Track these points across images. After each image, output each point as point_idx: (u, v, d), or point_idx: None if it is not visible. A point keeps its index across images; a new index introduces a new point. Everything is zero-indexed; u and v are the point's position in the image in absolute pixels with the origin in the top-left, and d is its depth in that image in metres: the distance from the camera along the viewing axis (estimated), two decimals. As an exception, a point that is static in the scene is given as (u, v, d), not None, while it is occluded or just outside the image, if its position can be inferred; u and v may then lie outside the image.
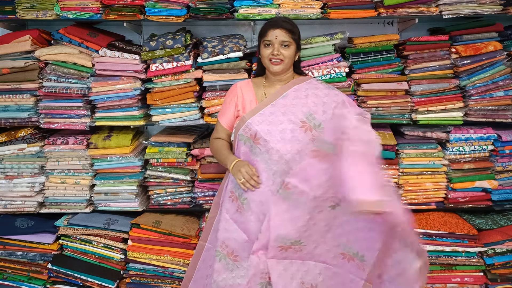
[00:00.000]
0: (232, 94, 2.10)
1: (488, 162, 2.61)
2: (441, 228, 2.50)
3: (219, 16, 2.47)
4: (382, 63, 2.56)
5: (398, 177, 2.61)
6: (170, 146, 2.61)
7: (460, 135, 2.57)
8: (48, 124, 2.58)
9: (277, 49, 1.94)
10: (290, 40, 1.96)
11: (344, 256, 1.92)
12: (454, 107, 2.57)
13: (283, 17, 2.13)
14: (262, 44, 2.00)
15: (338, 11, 2.48)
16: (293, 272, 1.90)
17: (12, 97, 2.53)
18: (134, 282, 2.63)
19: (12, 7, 2.51)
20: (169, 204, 2.68)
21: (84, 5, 2.46)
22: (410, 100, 2.55)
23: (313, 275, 1.92)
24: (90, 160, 2.61)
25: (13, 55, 2.55)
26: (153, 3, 2.45)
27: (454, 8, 2.47)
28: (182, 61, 2.49)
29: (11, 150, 2.58)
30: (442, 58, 2.55)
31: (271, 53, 1.95)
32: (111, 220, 2.62)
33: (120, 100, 2.54)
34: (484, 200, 2.64)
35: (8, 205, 2.64)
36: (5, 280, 2.67)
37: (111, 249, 2.60)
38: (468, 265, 2.53)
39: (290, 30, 1.95)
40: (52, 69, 2.52)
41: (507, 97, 2.55)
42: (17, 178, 2.61)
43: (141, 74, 2.53)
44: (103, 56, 2.50)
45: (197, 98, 2.58)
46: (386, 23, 2.89)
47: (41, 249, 2.62)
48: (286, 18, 2.08)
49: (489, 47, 2.50)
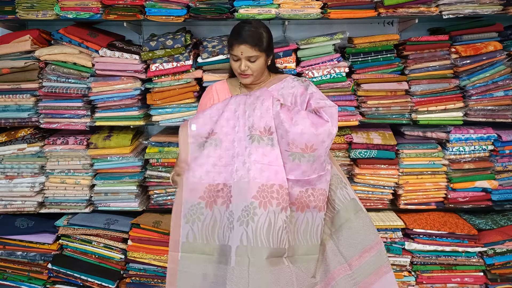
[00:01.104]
0: (208, 96, 2.06)
1: (488, 162, 2.61)
2: (441, 228, 2.50)
3: (219, 16, 2.47)
4: (382, 63, 2.56)
5: (398, 177, 2.61)
6: (170, 146, 2.61)
7: (460, 135, 2.58)
8: (48, 124, 2.58)
9: (245, 65, 1.87)
10: (257, 53, 1.85)
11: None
12: (454, 107, 2.57)
13: (249, 27, 1.88)
14: (230, 55, 1.93)
15: (338, 11, 2.48)
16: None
17: (12, 97, 2.53)
18: (134, 282, 2.63)
19: (12, 7, 2.51)
20: (169, 204, 2.67)
21: (84, 5, 2.46)
22: (410, 100, 2.56)
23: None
24: (90, 160, 2.61)
25: (13, 55, 2.55)
26: (153, 3, 2.45)
27: (454, 8, 2.47)
28: (182, 61, 2.49)
29: (11, 150, 2.58)
30: (442, 58, 2.55)
31: (239, 67, 1.90)
32: (111, 220, 2.62)
33: (120, 100, 2.54)
34: (484, 200, 2.64)
35: (8, 205, 2.64)
36: (5, 280, 2.67)
37: (111, 249, 2.60)
38: (468, 265, 2.53)
39: (255, 44, 1.84)
40: (52, 69, 2.52)
41: (507, 97, 2.56)
42: (17, 178, 2.61)
43: (141, 74, 2.53)
44: (103, 56, 2.50)
45: (197, 98, 2.58)
46: (386, 23, 2.89)
47: (41, 249, 2.62)
48: (251, 26, 1.88)
49: (489, 47, 2.50)
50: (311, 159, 1.78)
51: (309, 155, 1.78)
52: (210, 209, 1.85)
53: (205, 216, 1.85)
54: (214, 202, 1.85)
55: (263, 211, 1.74)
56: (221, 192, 1.84)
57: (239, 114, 1.88)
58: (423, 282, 2.56)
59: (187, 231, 1.85)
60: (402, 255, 2.53)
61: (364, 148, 2.58)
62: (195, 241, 1.85)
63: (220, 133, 1.87)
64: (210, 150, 1.85)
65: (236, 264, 1.73)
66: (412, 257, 2.54)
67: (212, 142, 1.86)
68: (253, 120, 1.84)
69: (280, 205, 1.76)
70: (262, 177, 1.77)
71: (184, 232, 1.85)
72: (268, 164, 1.79)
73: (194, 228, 1.85)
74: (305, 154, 1.78)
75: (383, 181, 2.62)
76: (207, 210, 1.85)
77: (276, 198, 1.76)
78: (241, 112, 1.88)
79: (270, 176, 1.78)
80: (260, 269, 1.72)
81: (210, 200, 1.85)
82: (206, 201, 1.85)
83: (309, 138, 1.76)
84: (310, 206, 1.84)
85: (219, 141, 1.86)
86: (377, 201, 2.67)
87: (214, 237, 1.84)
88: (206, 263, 1.84)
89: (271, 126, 1.82)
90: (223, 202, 1.84)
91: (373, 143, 2.56)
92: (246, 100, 1.91)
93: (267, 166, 1.79)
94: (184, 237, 1.86)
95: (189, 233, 1.85)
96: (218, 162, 1.85)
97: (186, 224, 1.86)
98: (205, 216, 1.85)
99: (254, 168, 1.77)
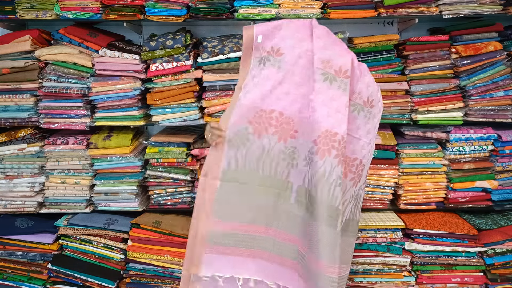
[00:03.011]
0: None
1: (488, 162, 2.61)
2: (441, 228, 2.50)
3: (219, 16, 2.47)
4: (382, 63, 2.56)
5: (398, 177, 2.61)
6: (170, 146, 2.61)
7: (460, 135, 2.57)
8: (48, 124, 2.58)
9: None
10: None
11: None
12: (454, 107, 2.57)
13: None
14: None
15: (338, 11, 2.48)
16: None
17: (12, 97, 2.53)
18: (134, 282, 2.63)
19: (12, 7, 2.51)
20: (169, 204, 2.68)
21: (84, 5, 2.46)
22: (410, 100, 2.56)
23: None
24: (90, 160, 2.61)
25: (13, 55, 2.55)
26: (153, 3, 2.45)
27: (454, 8, 2.47)
28: (182, 61, 2.49)
29: (11, 150, 2.58)
30: (442, 58, 2.55)
31: None
32: (111, 220, 2.62)
33: (120, 100, 2.54)
34: (484, 200, 2.64)
35: (8, 205, 2.64)
36: (5, 280, 2.67)
37: (111, 249, 2.60)
38: (468, 265, 2.53)
39: None
40: (52, 69, 2.52)
41: (507, 97, 2.55)
42: (17, 178, 2.61)
43: (141, 74, 2.53)
44: (103, 56, 2.50)
45: (197, 98, 2.58)
46: (386, 23, 2.89)
47: (41, 249, 2.62)
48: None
49: (489, 47, 2.50)
50: (368, 115, 1.70)
51: (367, 110, 1.69)
52: (258, 137, 1.71)
53: (251, 143, 1.71)
54: (265, 131, 1.70)
55: (319, 160, 1.63)
56: (274, 120, 1.69)
57: (315, 40, 1.69)
58: (423, 282, 2.56)
59: (230, 157, 1.72)
60: (402, 255, 2.53)
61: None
62: (237, 168, 1.72)
63: (287, 55, 1.68)
64: (272, 72, 1.68)
65: (295, 202, 1.68)
66: (412, 257, 2.54)
67: (275, 63, 1.68)
68: (331, 55, 1.68)
69: (338, 157, 1.64)
70: (327, 122, 1.64)
71: (227, 158, 1.72)
72: (336, 110, 1.65)
73: (238, 154, 1.71)
74: (365, 108, 1.69)
75: (383, 181, 2.62)
76: (254, 136, 1.71)
77: (337, 148, 1.63)
78: (318, 39, 1.69)
79: (335, 124, 1.64)
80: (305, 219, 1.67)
81: (260, 127, 1.70)
82: (255, 127, 1.70)
83: (372, 91, 1.69)
84: (347, 177, 1.72)
85: (283, 63, 1.68)
86: (377, 201, 2.67)
87: (259, 168, 1.72)
88: (248, 194, 1.73)
89: (348, 69, 1.66)
90: (275, 132, 1.70)
91: (373, 143, 2.56)
92: (325, 32, 1.73)
93: (334, 112, 1.65)
94: (226, 163, 1.72)
95: (231, 160, 1.72)
96: (278, 88, 1.68)
97: (229, 149, 1.71)
98: (251, 143, 1.71)
99: (319, 110, 1.64)
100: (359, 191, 1.86)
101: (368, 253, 2.53)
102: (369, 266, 2.55)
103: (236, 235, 1.79)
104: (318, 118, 1.65)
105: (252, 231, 1.81)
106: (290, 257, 1.85)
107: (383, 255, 2.53)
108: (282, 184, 1.74)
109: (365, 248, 2.52)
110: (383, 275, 2.56)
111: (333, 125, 1.64)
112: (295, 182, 1.72)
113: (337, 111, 1.65)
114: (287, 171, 1.72)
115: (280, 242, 1.83)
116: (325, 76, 1.66)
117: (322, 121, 1.65)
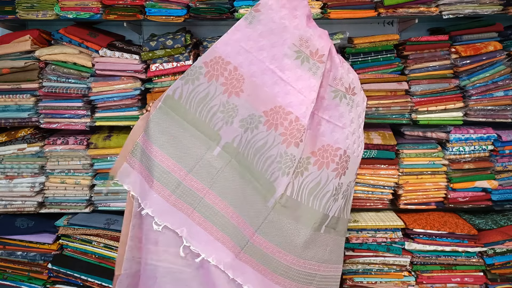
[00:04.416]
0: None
1: (488, 162, 2.61)
2: (441, 228, 2.50)
3: (219, 16, 2.47)
4: (382, 63, 2.56)
5: (398, 177, 2.61)
6: (170, 146, 2.61)
7: (460, 135, 2.58)
8: (48, 124, 2.58)
9: None
10: None
11: None
12: (454, 107, 2.57)
13: None
14: None
15: (338, 11, 2.48)
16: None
17: (12, 97, 2.53)
18: (134, 282, 2.63)
19: (12, 7, 2.51)
20: (169, 204, 2.67)
21: (84, 5, 2.46)
22: (410, 100, 2.56)
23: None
24: (90, 160, 2.61)
25: (13, 55, 2.55)
26: (153, 3, 2.45)
27: (454, 8, 2.47)
28: (182, 61, 2.49)
29: (11, 150, 2.58)
30: (442, 58, 2.55)
31: None
32: (111, 220, 2.62)
33: (120, 100, 2.54)
34: (484, 200, 2.64)
35: (8, 205, 2.64)
36: (5, 280, 2.67)
37: (111, 249, 2.60)
38: (468, 265, 2.53)
39: None
40: (52, 69, 2.52)
41: (507, 97, 2.55)
42: (17, 178, 2.61)
43: (141, 74, 2.54)
44: (103, 56, 2.50)
45: (197, 98, 2.58)
46: (386, 23, 2.89)
47: (41, 249, 2.62)
48: None
49: (489, 47, 2.50)
50: (350, 103, 1.68)
51: (350, 97, 1.67)
52: (207, 81, 1.68)
53: (200, 83, 1.68)
54: (215, 78, 1.67)
55: (268, 131, 1.60)
56: (227, 72, 1.66)
57: (299, 16, 1.66)
58: (423, 282, 2.56)
59: (177, 87, 1.70)
60: (402, 255, 2.53)
61: (364, 148, 2.57)
62: (180, 99, 1.70)
63: (269, 13, 1.64)
64: (246, 26, 1.64)
65: (218, 156, 1.64)
66: (412, 257, 2.54)
67: (253, 20, 1.64)
68: (311, 35, 1.66)
69: (285, 135, 1.60)
70: (284, 100, 1.62)
71: (174, 86, 1.71)
72: (298, 91, 1.62)
73: (185, 88, 1.69)
74: (347, 95, 1.67)
75: (383, 181, 2.62)
76: (205, 78, 1.68)
77: (286, 127, 1.60)
78: (302, 17, 1.67)
79: (292, 102, 1.61)
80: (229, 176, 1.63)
81: (212, 73, 1.67)
82: (208, 70, 1.67)
83: (353, 78, 1.68)
84: (329, 167, 1.68)
85: (262, 25, 1.65)
86: (377, 201, 2.67)
87: (197, 109, 1.69)
88: (179, 127, 1.69)
89: (325, 54, 1.64)
90: (224, 84, 1.67)
91: (373, 143, 2.56)
92: (310, 14, 1.71)
93: (296, 92, 1.62)
94: (171, 90, 1.71)
95: (177, 90, 1.70)
96: (242, 42, 1.65)
97: (180, 80, 1.70)
98: (200, 83, 1.68)
99: (279, 85, 1.61)
100: (347, 187, 1.80)
101: (368, 253, 2.53)
102: (369, 266, 2.56)
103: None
104: (274, 92, 1.62)
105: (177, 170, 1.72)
106: (224, 231, 1.69)
107: (383, 255, 2.53)
108: (212, 133, 1.69)
109: (365, 248, 2.52)
110: (383, 275, 2.56)
111: (289, 104, 1.61)
112: (224, 137, 1.68)
113: (299, 92, 1.62)
114: (221, 125, 1.69)
115: (210, 205, 1.70)
116: (298, 54, 1.64)
117: (279, 97, 1.61)
